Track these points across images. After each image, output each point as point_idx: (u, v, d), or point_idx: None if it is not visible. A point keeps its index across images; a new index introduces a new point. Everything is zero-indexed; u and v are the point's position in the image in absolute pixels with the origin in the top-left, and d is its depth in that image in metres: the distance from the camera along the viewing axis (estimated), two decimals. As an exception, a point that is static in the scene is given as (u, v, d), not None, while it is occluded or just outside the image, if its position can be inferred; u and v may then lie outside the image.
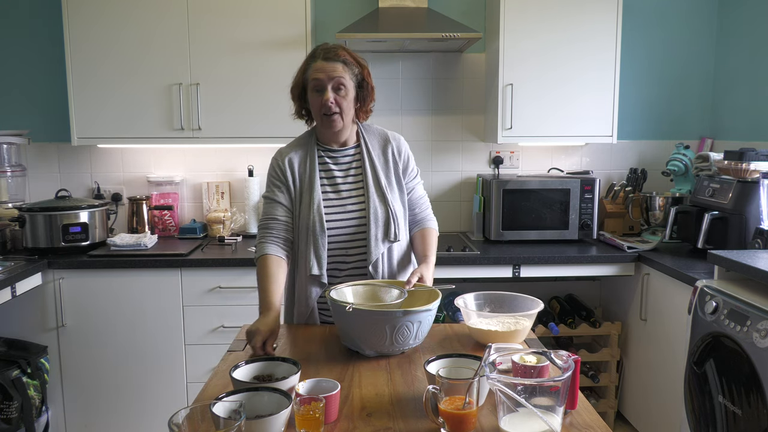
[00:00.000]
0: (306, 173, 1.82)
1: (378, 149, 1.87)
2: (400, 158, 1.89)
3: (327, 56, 1.75)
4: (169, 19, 2.92)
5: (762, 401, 1.80)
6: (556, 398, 1.10)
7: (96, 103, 2.96)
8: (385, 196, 1.82)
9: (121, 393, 2.84)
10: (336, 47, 1.78)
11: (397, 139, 1.92)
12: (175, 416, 1.01)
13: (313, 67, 1.76)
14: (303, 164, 1.84)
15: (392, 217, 1.80)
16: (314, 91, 1.77)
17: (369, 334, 1.48)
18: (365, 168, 1.84)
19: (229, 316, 2.81)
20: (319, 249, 1.77)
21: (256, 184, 3.26)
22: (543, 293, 3.36)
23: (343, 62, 1.75)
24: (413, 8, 3.06)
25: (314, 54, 1.79)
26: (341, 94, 1.76)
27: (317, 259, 1.77)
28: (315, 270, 1.77)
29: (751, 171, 2.57)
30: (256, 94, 2.98)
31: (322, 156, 1.86)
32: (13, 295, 2.51)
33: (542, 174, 3.34)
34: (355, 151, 1.87)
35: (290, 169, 1.84)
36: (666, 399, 2.62)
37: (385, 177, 1.84)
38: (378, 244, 1.80)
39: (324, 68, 1.74)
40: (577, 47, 3.01)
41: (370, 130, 1.91)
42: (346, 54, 1.77)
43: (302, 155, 1.85)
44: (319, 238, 1.77)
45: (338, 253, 1.81)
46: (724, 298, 2.04)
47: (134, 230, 3.23)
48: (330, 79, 1.74)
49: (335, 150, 1.86)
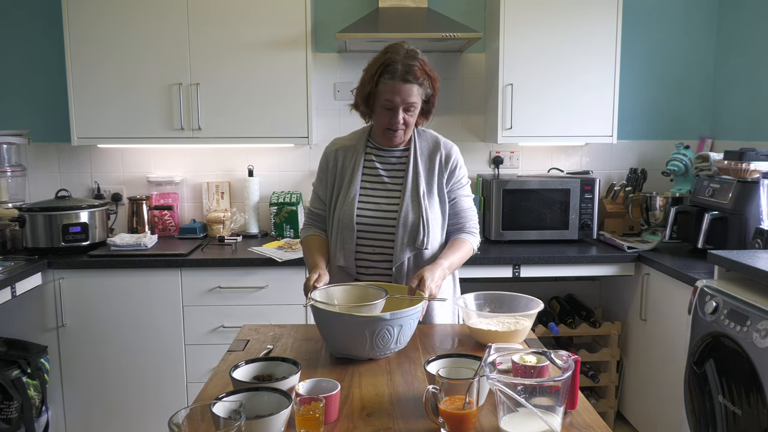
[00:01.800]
0: (350, 167, 1.85)
1: (426, 155, 1.86)
2: (447, 166, 1.86)
3: (406, 78, 1.71)
4: (169, 19, 2.92)
5: (762, 401, 1.80)
6: (556, 398, 1.10)
7: (96, 103, 2.96)
8: (420, 203, 1.80)
9: (121, 393, 2.84)
10: (415, 63, 1.72)
11: (448, 147, 1.89)
12: (175, 416, 1.01)
13: (389, 85, 1.72)
14: (350, 158, 1.86)
15: (423, 224, 1.79)
16: (384, 108, 1.76)
17: (349, 338, 1.46)
18: (408, 172, 1.83)
19: (229, 316, 2.81)
20: (346, 241, 1.80)
21: (256, 184, 3.26)
22: (543, 293, 3.36)
23: (419, 84, 1.74)
24: (413, 8, 3.06)
25: (392, 68, 1.71)
26: (409, 114, 1.77)
27: (344, 252, 1.81)
28: (341, 261, 1.82)
29: (751, 171, 2.57)
30: (256, 94, 2.98)
31: (369, 153, 1.87)
32: (13, 295, 2.51)
33: (542, 174, 3.33)
34: (403, 153, 1.87)
35: (335, 161, 1.88)
36: (666, 399, 2.62)
37: (426, 184, 1.83)
38: (403, 249, 1.80)
39: (400, 91, 1.72)
40: (577, 47, 3.01)
41: (424, 135, 1.90)
42: (423, 73, 1.74)
43: (351, 149, 1.88)
44: (347, 230, 1.80)
45: (367, 251, 1.83)
46: (724, 298, 2.04)
47: (134, 230, 3.23)
48: (403, 103, 1.74)
49: (384, 149, 1.87)
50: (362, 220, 1.81)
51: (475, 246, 1.89)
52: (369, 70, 1.78)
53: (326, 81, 3.32)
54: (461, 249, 1.83)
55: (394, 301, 1.59)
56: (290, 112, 3.00)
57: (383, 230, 1.81)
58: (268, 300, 2.80)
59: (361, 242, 1.82)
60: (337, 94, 3.32)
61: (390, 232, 1.81)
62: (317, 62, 3.26)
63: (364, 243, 1.82)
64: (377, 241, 1.82)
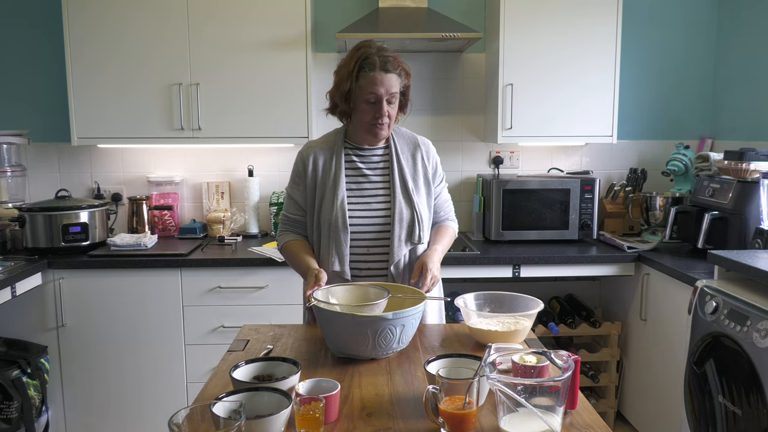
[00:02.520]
0: (331, 170, 1.82)
1: (407, 152, 1.88)
2: (429, 163, 1.90)
3: (386, 68, 1.72)
4: (170, 19, 2.92)
5: (762, 401, 1.80)
6: (556, 398, 1.10)
7: (96, 103, 2.96)
8: (411, 198, 1.82)
9: (121, 393, 2.84)
10: (389, 55, 1.75)
11: (426, 144, 1.93)
12: (175, 416, 1.01)
13: (369, 77, 1.72)
14: (329, 161, 1.84)
15: (417, 219, 1.81)
16: (367, 102, 1.75)
17: (351, 338, 1.47)
18: (393, 169, 1.84)
19: (229, 316, 2.81)
20: (341, 246, 1.78)
21: (255, 184, 3.26)
22: (543, 293, 3.36)
23: (398, 74, 1.75)
24: (413, 8, 3.06)
25: (370, 61, 1.72)
26: (392, 106, 1.77)
27: (339, 256, 1.79)
28: (336, 266, 1.79)
29: (751, 171, 2.57)
30: (256, 94, 2.98)
31: (349, 154, 1.86)
32: (13, 295, 2.51)
33: (542, 174, 3.33)
34: (384, 151, 1.88)
35: (313, 165, 1.85)
36: (666, 399, 2.62)
37: (412, 180, 1.85)
38: (401, 245, 1.80)
39: (383, 81, 1.72)
40: (577, 47, 3.01)
41: (400, 132, 1.92)
42: (399, 64, 1.76)
43: (329, 151, 1.86)
44: (341, 234, 1.78)
45: (360, 252, 1.82)
46: (724, 298, 2.04)
47: (134, 230, 3.23)
48: (387, 93, 1.74)
49: (364, 149, 1.87)
50: (355, 221, 1.80)
51: (456, 231, 2.01)
52: (344, 68, 1.77)
53: (326, 81, 3.25)
54: (448, 234, 1.94)
55: (396, 301, 1.59)
56: (290, 112, 3.00)
57: (376, 229, 1.81)
58: (268, 300, 2.80)
59: (355, 243, 1.81)
60: (337, 94, 3.32)
61: (384, 230, 1.81)
62: (317, 62, 3.26)
63: (358, 244, 1.81)
64: (371, 240, 1.81)
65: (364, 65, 1.73)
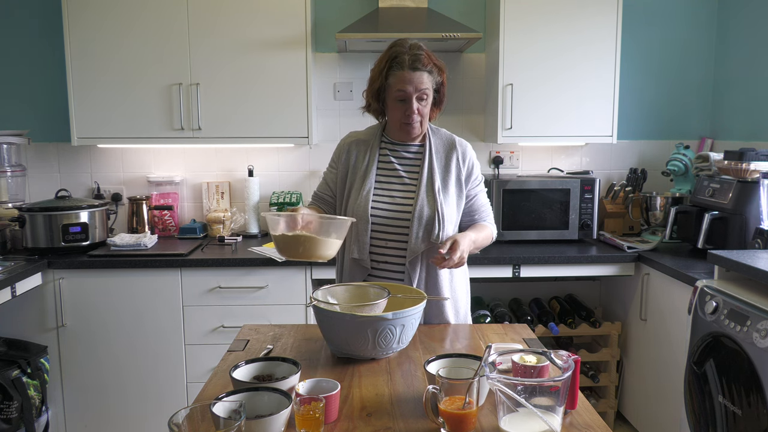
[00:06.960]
0: (364, 161, 1.86)
1: (442, 152, 1.89)
2: (464, 165, 1.89)
3: (414, 66, 1.74)
4: (170, 19, 2.92)
5: (762, 401, 1.80)
6: (556, 398, 1.10)
7: (96, 103, 2.96)
8: (435, 198, 1.81)
9: (121, 393, 2.84)
10: (421, 53, 1.76)
11: (464, 146, 1.92)
12: (175, 416, 1.01)
13: (398, 75, 1.75)
14: (363, 152, 1.88)
15: (438, 219, 1.80)
16: (397, 101, 1.77)
17: (351, 338, 1.47)
18: (423, 167, 1.85)
19: (229, 316, 2.81)
20: (360, 233, 1.81)
21: (256, 184, 3.26)
22: (543, 293, 3.37)
23: (428, 71, 1.76)
24: (413, 8, 3.06)
25: (400, 60, 1.75)
26: (423, 104, 1.78)
27: (358, 244, 1.82)
28: (355, 254, 1.82)
29: (751, 171, 2.57)
30: (257, 94, 2.98)
31: (384, 148, 1.89)
32: (13, 295, 2.51)
33: (542, 174, 3.33)
34: (419, 149, 1.89)
35: (347, 155, 1.89)
36: (666, 399, 2.62)
37: (441, 180, 1.85)
38: (418, 243, 1.80)
39: (411, 80, 1.74)
40: (577, 47, 3.01)
41: (438, 133, 1.92)
42: (430, 61, 1.77)
43: (366, 143, 1.89)
44: (362, 223, 1.80)
45: (380, 243, 1.84)
46: (724, 298, 2.04)
47: (134, 230, 3.23)
48: (416, 91, 1.75)
49: (399, 144, 1.89)
50: (377, 212, 1.82)
51: (494, 234, 1.96)
52: (376, 67, 1.82)
53: (326, 81, 3.32)
54: (484, 231, 1.90)
55: (396, 301, 1.59)
56: (290, 112, 3.00)
57: (398, 224, 1.82)
58: (268, 300, 2.80)
59: (375, 235, 1.83)
60: (337, 94, 3.32)
61: (404, 225, 1.82)
62: (317, 62, 3.26)
63: (378, 236, 1.83)
64: (391, 234, 1.83)
65: (394, 64, 1.75)
